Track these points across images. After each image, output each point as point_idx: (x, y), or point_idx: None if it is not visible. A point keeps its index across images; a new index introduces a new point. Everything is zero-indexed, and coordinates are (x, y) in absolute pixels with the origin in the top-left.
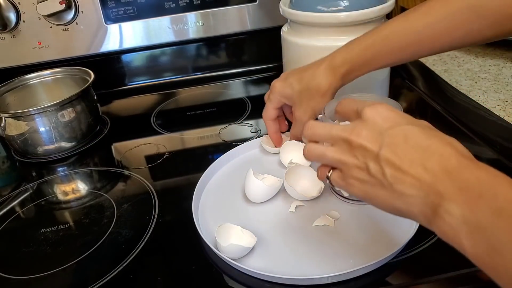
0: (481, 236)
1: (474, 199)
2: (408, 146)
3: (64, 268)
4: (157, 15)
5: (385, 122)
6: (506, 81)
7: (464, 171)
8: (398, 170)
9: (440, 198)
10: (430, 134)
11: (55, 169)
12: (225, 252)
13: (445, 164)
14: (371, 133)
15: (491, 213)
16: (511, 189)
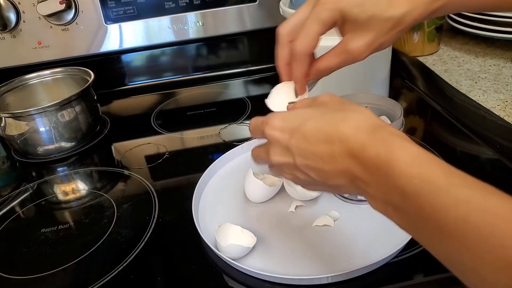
0: (401, 213)
1: (383, 179)
2: (312, 146)
3: (64, 268)
4: (157, 15)
5: (284, 134)
6: (506, 81)
7: (364, 151)
8: (318, 170)
9: (362, 182)
10: (323, 121)
11: (55, 169)
12: (225, 252)
13: (346, 149)
14: (280, 150)
15: (398, 192)
16: (406, 161)
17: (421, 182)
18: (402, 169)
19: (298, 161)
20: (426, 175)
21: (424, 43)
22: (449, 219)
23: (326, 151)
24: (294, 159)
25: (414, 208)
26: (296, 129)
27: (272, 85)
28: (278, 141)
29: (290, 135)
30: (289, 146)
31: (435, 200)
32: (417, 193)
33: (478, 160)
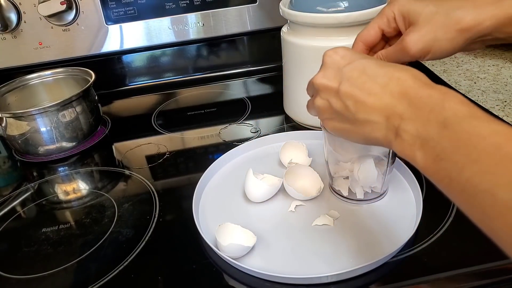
0: (430, 146)
1: (425, 114)
2: (366, 77)
3: (65, 268)
4: (157, 16)
5: (343, 60)
6: (505, 81)
7: (419, 91)
8: (358, 100)
9: (399, 119)
10: (387, 64)
11: (56, 169)
12: (225, 251)
13: (402, 87)
14: (331, 72)
15: (438, 124)
16: (458, 102)
17: (466, 115)
18: (451, 105)
19: (343, 87)
20: (473, 111)
21: None
22: (483, 145)
23: (380, 84)
24: (339, 84)
25: (448, 138)
26: (357, 59)
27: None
28: (334, 63)
29: (349, 61)
30: (343, 70)
31: (474, 130)
32: (459, 123)
33: None
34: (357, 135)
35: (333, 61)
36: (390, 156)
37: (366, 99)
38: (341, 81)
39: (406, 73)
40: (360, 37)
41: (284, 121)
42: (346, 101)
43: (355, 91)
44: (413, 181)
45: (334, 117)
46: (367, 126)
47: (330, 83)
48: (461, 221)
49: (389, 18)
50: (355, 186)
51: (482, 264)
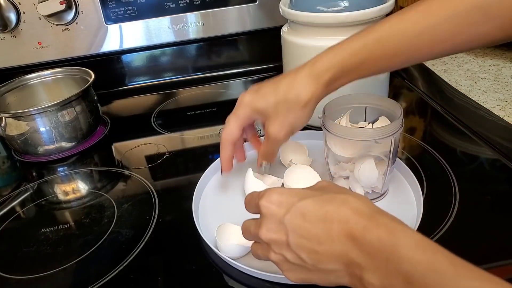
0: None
1: (384, 264)
2: (309, 224)
3: (65, 268)
4: (157, 15)
5: (280, 209)
6: (505, 81)
7: (366, 234)
8: (311, 251)
9: (358, 268)
10: (323, 200)
11: (56, 169)
12: (225, 251)
13: (346, 231)
14: (273, 225)
15: (401, 278)
16: (411, 248)
17: (427, 270)
18: (407, 254)
19: (291, 239)
20: (432, 262)
21: None
22: None
23: (324, 230)
24: (287, 236)
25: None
26: (293, 204)
27: None
28: (273, 215)
29: (286, 210)
30: (284, 222)
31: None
32: (423, 281)
33: (478, 160)
34: (326, 282)
35: (271, 212)
36: (390, 156)
37: (317, 249)
38: (287, 233)
39: (345, 210)
40: (226, 140)
41: None
42: (300, 253)
43: (304, 241)
44: (414, 181)
45: (295, 269)
46: (330, 274)
47: (278, 236)
48: (462, 222)
49: (244, 117)
50: (355, 186)
51: (482, 264)
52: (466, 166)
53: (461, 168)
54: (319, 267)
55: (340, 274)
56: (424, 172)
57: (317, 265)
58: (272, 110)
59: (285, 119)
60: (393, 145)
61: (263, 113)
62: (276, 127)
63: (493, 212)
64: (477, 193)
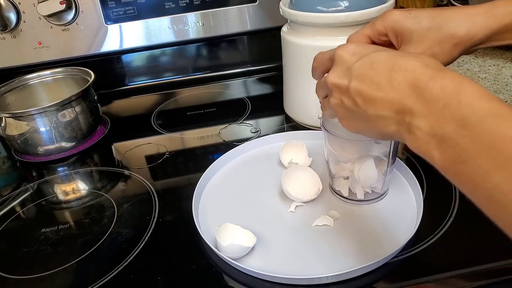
0: (448, 146)
1: (439, 109)
2: (374, 72)
3: (65, 268)
4: (157, 15)
5: (353, 57)
6: (505, 81)
7: (429, 82)
8: (366, 96)
9: (410, 114)
10: (396, 54)
11: (56, 169)
12: (225, 251)
13: (410, 79)
14: (341, 71)
15: (455, 122)
16: (476, 96)
17: (488, 114)
18: (469, 100)
19: (352, 84)
20: (495, 109)
21: None
22: (508, 150)
23: (386, 77)
24: (349, 82)
25: (469, 139)
26: (366, 54)
27: (272, 85)
28: (345, 62)
29: (358, 58)
30: (352, 68)
31: (499, 131)
32: (480, 122)
33: None
34: (372, 132)
35: (343, 59)
36: (390, 156)
37: (374, 94)
38: (351, 79)
39: (416, 62)
40: (350, 41)
41: (284, 121)
42: (356, 98)
43: (364, 87)
44: (414, 181)
45: (348, 116)
46: (378, 122)
47: (341, 81)
48: (462, 222)
49: (380, 32)
50: (355, 186)
51: (482, 264)
52: None
53: None
54: (369, 113)
55: (388, 122)
56: (424, 172)
57: (368, 110)
58: (419, 35)
59: (428, 49)
60: (393, 145)
61: (404, 35)
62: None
63: None
64: None
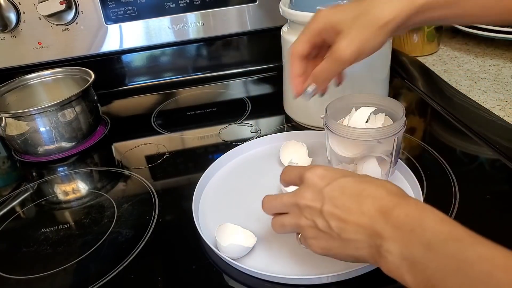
0: (418, 270)
1: (406, 235)
2: (345, 197)
3: (65, 268)
4: (157, 15)
5: (322, 181)
6: (505, 81)
7: (395, 209)
8: (341, 220)
9: (380, 238)
10: (363, 181)
11: (56, 169)
12: (225, 252)
13: (378, 205)
14: (313, 193)
15: (422, 246)
16: (436, 221)
17: (448, 238)
18: (431, 225)
19: (326, 208)
20: (454, 233)
21: (423, 43)
22: (473, 273)
23: (356, 204)
24: (322, 205)
25: (436, 262)
26: (335, 179)
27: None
28: (315, 185)
29: (327, 182)
30: (323, 192)
31: (462, 254)
32: (443, 247)
33: (478, 160)
34: (343, 254)
35: (313, 182)
36: (393, 156)
37: (347, 218)
38: (323, 202)
39: (381, 189)
40: (293, 54)
41: (284, 121)
42: (330, 221)
43: (337, 211)
44: (414, 181)
45: (320, 237)
46: (351, 244)
47: (314, 203)
48: (462, 222)
49: (315, 33)
50: None
51: None
52: (466, 166)
53: (461, 168)
54: (342, 236)
55: (359, 245)
56: (424, 172)
57: (341, 234)
58: (347, 25)
59: (356, 36)
60: (396, 144)
61: (336, 28)
62: (344, 42)
63: (493, 211)
64: (477, 193)
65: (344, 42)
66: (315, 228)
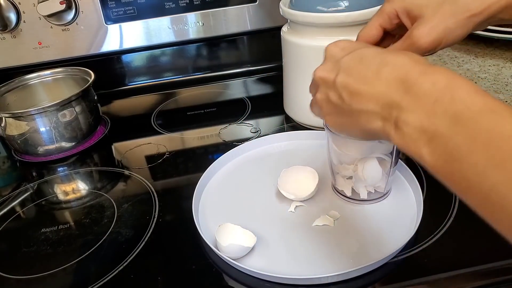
0: (439, 144)
1: (430, 105)
2: (362, 66)
3: (65, 268)
4: (157, 15)
5: (342, 51)
6: (505, 81)
7: (419, 77)
8: (352, 89)
9: (397, 108)
10: (386, 51)
11: (56, 169)
12: (225, 251)
13: (399, 73)
14: (329, 64)
15: (447, 118)
16: (470, 91)
17: (483, 110)
18: (462, 95)
19: (339, 78)
20: (490, 105)
21: None
22: (508, 147)
23: (374, 71)
24: (336, 75)
25: (463, 135)
26: (356, 49)
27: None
28: (334, 56)
29: (347, 52)
30: (340, 62)
31: (496, 127)
32: (475, 119)
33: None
34: (355, 128)
35: (332, 53)
36: (393, 156)
37: (359, 88)
38: (338, 72)
39: (405, 57)
40: (361, 36)
41: (284, 121)
42: (342, 92)
43: (350, 80)
44: (414, 182)
45: (333, 111)
46: (362, 116)
47: (328, 75)
48: (462, 222)
49: (390, 15)
50: (359, 186)
51: (482, 264)
52: None
53: None
54: (353, 107)
55: (372, 117)
56: (424, 172)
57: (352, 104)
58: (431, 9)
59: (441, 23)
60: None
61: (415, 12)
62: (426, 29)
63: None
64: None
65: (425, 28)
66: (329, 102)
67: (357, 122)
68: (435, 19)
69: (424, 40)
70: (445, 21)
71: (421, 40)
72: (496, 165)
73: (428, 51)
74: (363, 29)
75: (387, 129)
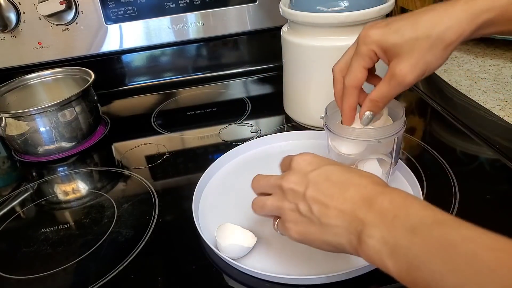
0: (400, 254)
1: (390, 220)
2: (329, 183)
3: (65, 268)
4: (157, 15)
5: (309, 166)
6: (505, 81)
7: (379, 196)
8: (323, 205)
9: (361, 224)
10: (348, 170)
11: (56, 169)
12: (225, 252)
13: (362, 193)
14: (298, 177)
15: (406, 231)
16: (421, 207)
17: (433, 222)
18: (416, 211)
19: (309, 192)
20: (438, 216)
21: None
22: (458, 254)
23: (340, 190)
24: (305, 189)
25: (419, 245)
26: (322, 166)
27: (272, 85)
28: (301, 169)
29: (314, 168)
30: (308, 176)
31: (446, 236)
32: (428, 229)
33: (478, 160)
34: (321, 240)
35: (300, 167)
36: (393, 156)
37: (329, 203)
38: (307, 186)
39: (366, 179)
40: (351, 86)
41: (284, 121)
42: (312, 205)
43: (320, 195)
44: (414, 181)
45: (299, 221)
46: (330, 230)
47: (298, 187)
48: None
49: (370, 56)
50: None
51: None
52: (466, 166)
53: (461, 168)
54: (322, 221)
55: (339, 232)
56: (424, 172)
57: (321, 218)
58: (407, 47)
59: (421, 58)
60: (396, 144)
61: (392, 51)
62: (407, 66)
63: (493, 212)
64: (477, 193)
65: (406, 67)
66: (296, 211)
67: (324, 234)
68: (413, 56)
69: (408, 78)
70: (424, 57)
71: (406, 79)
72: (451, 270)
73: (413, 84)
74: (350, 75)
75: (353, 242)
